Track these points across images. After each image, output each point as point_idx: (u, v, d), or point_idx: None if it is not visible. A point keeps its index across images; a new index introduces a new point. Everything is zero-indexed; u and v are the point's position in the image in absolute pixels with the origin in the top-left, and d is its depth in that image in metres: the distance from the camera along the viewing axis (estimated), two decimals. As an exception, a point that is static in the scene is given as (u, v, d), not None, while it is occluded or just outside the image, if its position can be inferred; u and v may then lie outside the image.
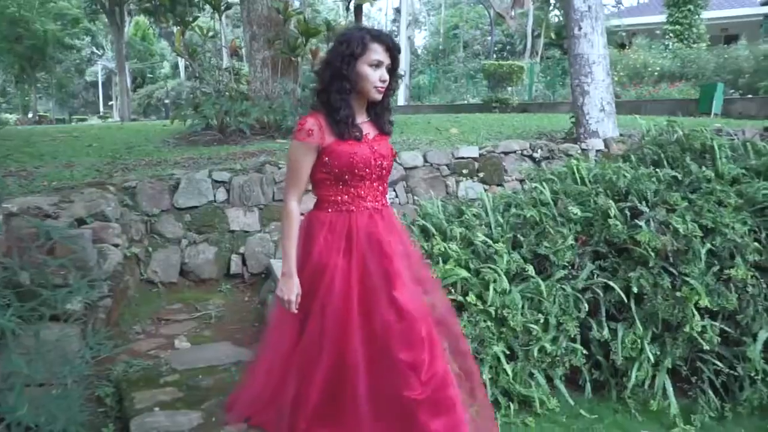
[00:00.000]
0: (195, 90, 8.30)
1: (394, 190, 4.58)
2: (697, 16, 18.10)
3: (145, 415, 2.74)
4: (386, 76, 2.03)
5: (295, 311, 2.03)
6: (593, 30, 5.10)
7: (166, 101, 24.88)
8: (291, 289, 2.03)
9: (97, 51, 35.54)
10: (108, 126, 13.72)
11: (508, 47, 30.13)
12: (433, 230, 3.37)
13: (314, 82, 2.13)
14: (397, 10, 28.39)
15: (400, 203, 4.50)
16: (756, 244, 3.16)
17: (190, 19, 8.05)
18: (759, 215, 3.29)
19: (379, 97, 2.05)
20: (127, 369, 3.21)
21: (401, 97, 18.02)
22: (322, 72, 2.06)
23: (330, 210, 2.08)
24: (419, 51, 35.24)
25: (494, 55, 24.12)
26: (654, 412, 2.99)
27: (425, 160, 4.64)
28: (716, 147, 3.55)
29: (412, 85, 21.87)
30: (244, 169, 4.91)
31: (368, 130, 2.10)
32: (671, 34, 18.13)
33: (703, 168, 3.52)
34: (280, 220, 2.10)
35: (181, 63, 28.32)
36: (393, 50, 2.03)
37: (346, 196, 2.07)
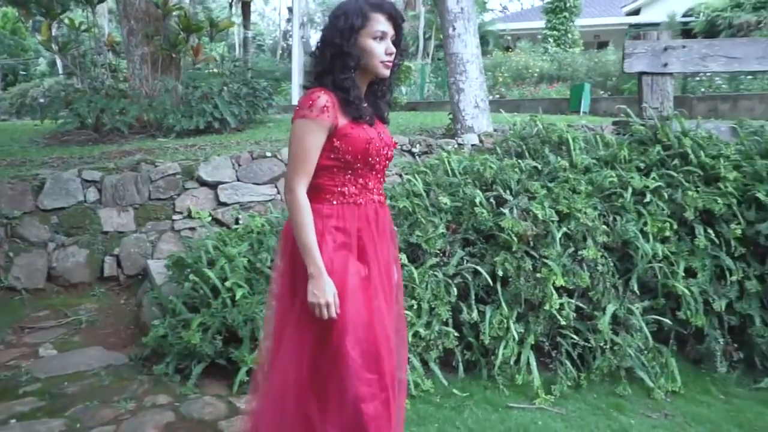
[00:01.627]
0: (68, 87, 7.81)
1: (276, 186, 4.57)
2: (571, 23, 19.43)
3: (-2, 428, 2.57)
4: (392, 49, 1.82)
5: (335, 316, 1.73)
6: (466, 30, 5.36)
7: (41, 100, 23.12)
8: (324, 290, 1.71)
9: (-43, 45, 32.33)
10: (-30, 126, 12.55)
11: (401, 49, 30.66)
12: (309, 223, 3.41)
13: (313, 64, 1.88)
14: (291, 10, 28.14)
15: (281, 199, 4.50)
16: (604, 226, 3.47)
17: (59, 11, 7.56)
18: (606, 201, 3.61)
19: (387, 72, 1.84)
20: (-20, 382, 2.99)
21: (295, 98, 17.87)
22: (321, 52, 1.83)
23: (335, 202, 1.82)
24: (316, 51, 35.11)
25: (388, 56, 24.43)
26: (520, 385, 3.19)
27: (307, 156, 4.68)
28: (570, 139, 3.86)
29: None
30: (118, 168, 4.69)
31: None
32: (550, 39, 19.34)
33: (560, 158, 3.81)
34: (289, 212, 1.81)
35: (60, 60, 26.40)
36: (396, 19, 1.83)
37: (354, 188, 1.84)
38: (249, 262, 3.18)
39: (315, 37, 40.46)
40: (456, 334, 3.27)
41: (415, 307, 3.20)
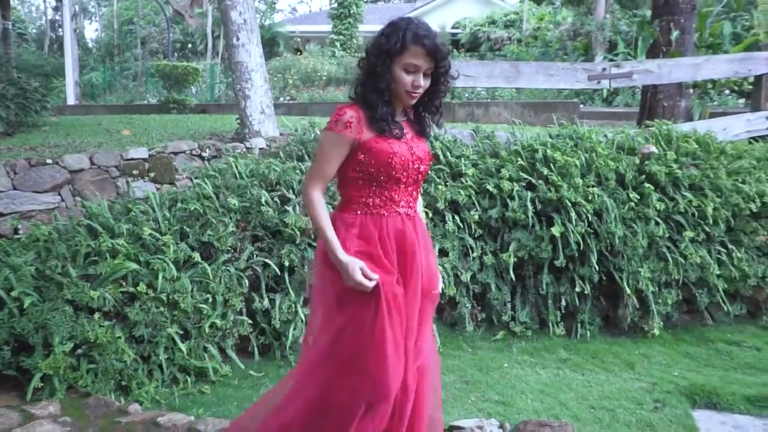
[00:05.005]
0: None
1: (60, 194, 4.45)
2: (356, 29, 20.68)
3: None
4: (420, 82, 1.89)
5: (372, 285, 1.86)
6: (250, 41, 5.68)
7: None
8: (353, 269, 1.85)
9: None
10: None
11: (189, 46, 29.64)
12: (100, 229, 3.50)
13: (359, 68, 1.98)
14: (59, -2, 25.52)
15: (66, 206, 4.40)
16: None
17: None
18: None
19: (411, 102, 1.95)
20: None
21: (71, 97, 16.40)
22: (362, 63, 1.95)
23: (359, 212, 1.95)
24: (90, 45, 32.25)
25: (175, 54, 23.59)
26: (307, 361, 3.65)
27: (92, 163, 4.62)
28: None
29: (83, 83, 20.04)
30: None
31: (407, 129, 1.98)
32: (337, 44, 20.36)
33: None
34: (306, 210, 2.01)
35: None
36: (435, 56, 1.87)
37: (378, 199, 1.94)
38: (37, 270, 3.18)
39: (90, 28, 37.00)
40: (250, 321, 3.63)
41: (210, 300, 3.48)
